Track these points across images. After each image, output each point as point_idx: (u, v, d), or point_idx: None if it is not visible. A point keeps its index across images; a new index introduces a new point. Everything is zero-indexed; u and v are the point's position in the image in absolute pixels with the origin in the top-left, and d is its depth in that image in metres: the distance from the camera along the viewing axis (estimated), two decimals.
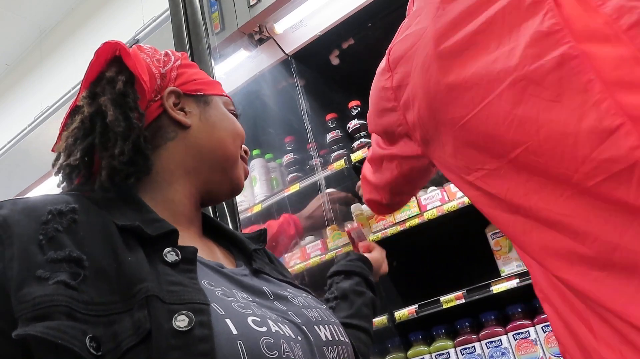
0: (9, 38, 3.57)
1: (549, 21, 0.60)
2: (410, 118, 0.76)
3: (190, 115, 0.69)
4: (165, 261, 0.53)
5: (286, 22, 1.92)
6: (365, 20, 1.90)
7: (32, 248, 0.48)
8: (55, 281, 0.46)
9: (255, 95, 2.11)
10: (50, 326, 0.43)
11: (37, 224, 0.50)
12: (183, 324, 0.46)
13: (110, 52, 0.66)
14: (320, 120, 2.05)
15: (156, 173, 0.65)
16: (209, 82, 0.74)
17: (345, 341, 0.64)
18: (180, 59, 0.72)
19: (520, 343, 1.51)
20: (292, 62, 2.01)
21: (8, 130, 3.46)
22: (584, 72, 0.56)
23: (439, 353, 1.64)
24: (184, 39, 1.55)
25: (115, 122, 0.61)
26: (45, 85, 3.43)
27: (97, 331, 0.45)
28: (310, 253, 1.91)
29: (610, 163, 0.53)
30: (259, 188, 2.16)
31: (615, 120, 0.53)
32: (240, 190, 0.74)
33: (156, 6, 2.56)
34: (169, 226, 0.57)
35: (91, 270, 0.48)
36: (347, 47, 2.03)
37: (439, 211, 1.64)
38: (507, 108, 0.61)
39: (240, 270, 0.67)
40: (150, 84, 0.66)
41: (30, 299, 0.44)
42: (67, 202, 0.53)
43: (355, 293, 0.91)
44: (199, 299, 0.49)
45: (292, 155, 2.14)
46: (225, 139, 0.71)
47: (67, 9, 3.44)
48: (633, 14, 0.56)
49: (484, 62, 0.64)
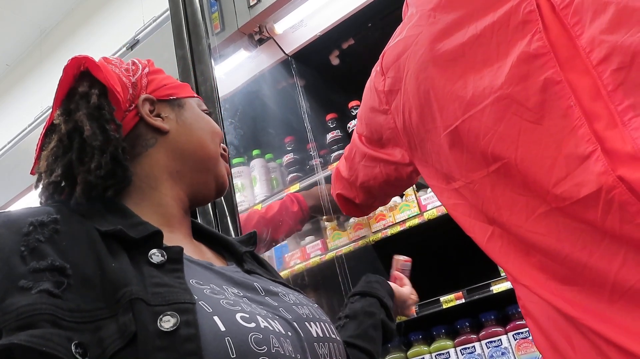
0: (9, 38, 3.58)
1: (536, 43, 0.61)
2: (400, 123, 0.77)
3: (167, 120, 0.70)
4: (151, 262, 0.53)
5: (286, 22, 1.92)
6: (365, 20, 1.90)
7: (14, 260, 0.48)
8: (39, 290, 0.46)
9: (255, 95, 2.11)
10: (35, 334, 0.43)
11: (18, 236, 0.50)
12: (168, 325, 0.46)
13: (77, 67, 0.66)
14: (320, 120, 2.06)
15: (140, 181, 0.66)
16: (179, 86, 0.75)
17: (337, 339, 0.64)
18: (148, 66, 0.73)
19: (520, 342, 1.51)
20: (292, 62, 2.01)
21: (8, 130, 3.46)
22: (565, 97, 0.58)
23: (439, 352, 1.64)
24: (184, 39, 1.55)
25: (92, 136, 0.61)
26: (45, 85, 3.42)
27: (83, 338, 0.45)
28: (310, 253, 1.91)
29: (579, 187, 0.56)
30: (259, 188, 2.16)
31: (588, 146, 0.55)
32: (225, 188, 0.75)
33: (156, 6, 2.56)
34: (152, 227, 0.57)
35: (75, 278, 0.48)
36: (347, 47, 2.03)
37: (439, 211, 1.64)
38: (488, 123, 0.62)
39: (232, 268, 0.67)
40: (124, 94, 0.66)
41: (14, 310, 0.44)
42: (48, 213, 0.54)
43: (366, 314, 0.89)
44: (185, 298, 0.49)
45: (292, 155, 2.14)
46: (204, 139, 0.72)
47: (67, 9, 3.44)
48: (602, 49, 0.57)
49: (471, 76, 0.65)
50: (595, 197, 0.54)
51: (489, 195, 0.64)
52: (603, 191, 0.54)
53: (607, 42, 0.56)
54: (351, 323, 0.87)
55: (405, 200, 1.83)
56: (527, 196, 0.60)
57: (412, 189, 1.79)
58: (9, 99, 3.83)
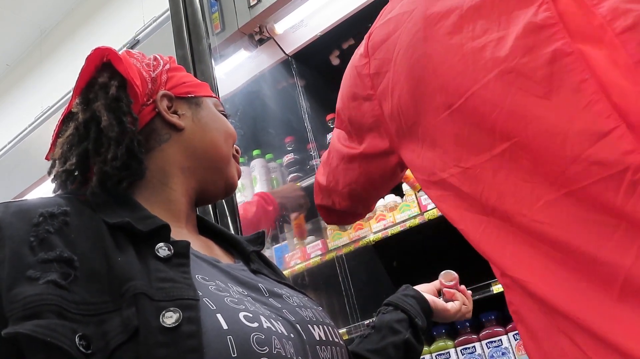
0: (9, 38, 3.57)
1: (543, 14, 0.56)
2: (387, 108, 0.71)
3: (183, 117, 0.70)
4: (158, 256, 0.53)
5: (286, 22, 1.92)
6: (365, 20, 1.89)
7: (24, 250, 0.48)
8: (46, 280, 0.46)
9: (256, 96, 2.11)
10: (40, 325, 0.43)
11: (28, 226, 0.50)
12: (171, 321, 0.46)
13: (100, 58, 0.67)
14: (320, 120, 2.06)
15: (151, 175, 0.66)
16: (198, 84, 0.75)
17: (340, 343, 0.64)
18: (169, 63, 0.73)
19: (521, 343, 1.51)
20: (293, 62, 2.01)
21: (8, 130, 3.46)
22: (578, 70, 0.54)
23: (439, 353, 1.64)
24: (184, 39, 1.55)
25: (109, 126, 0.61)
26: (46, 85, 3.43)
27: (87, 330, 0.45)
28: (311, 253, 1.91)
29: (600, 166, 0.51)
30: (259, 188, 2.16)
31: (609, 123, 0.51)
32: (234, 189, 0.76)
33: (156, 6, 2.56)
34: (160, 221, 0.57)
35: (82, 271, 0.49)
36: (347, 48, 2.03)
37: (439, 211, 1.64)
38: (494, 99, 0.58)
39: (239, 266, 0.67)
40: (142, 88, 0.67)
41: (21, 299, 0.45)
42: (59, 205, 0.54)
43: (390, 330, 0.82)
44: (188, 295, 0.49)
45: (292, 155, 2.14)
46: (217, 140, 0.72)
47: (67, 9, 3.44)
48: (628, 17, 0.53)
49: (470, 48, 0.61)
50: (618, 178, 0.50)
51: (491, 181, 0.59)
52: (629, 172, 0.49)
53: (635, 11, 0.52)
54: (374, 336, 0.82)
55: (405, 200, 1.83)
56: (532, 183, 0.56)
57: (412, 189, 1.79)
58: (9, 99, 3.82)
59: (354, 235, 1.85)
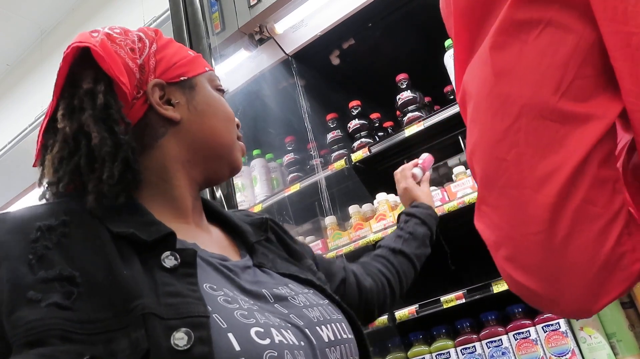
0: (10, 38, 3.58)
1: None
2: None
3: (178, 106, 0.65)
4: (164, 267, 0.51)
5: (286, 22, 1.93)
6: (365, 20, 1.90)
7: (22, 269, 0.47)
8: (48, 303, 0.45)
9: (256, 95, 2.11)
10: (43, 354, 0.42)
11: (26, 243, 0.49)
12: (182, 342, 0.45)
13: (75, 53, 0.61)
14: (320, 120, 2.06)
15: (151, 174, 0.63)
16: (190, 61, 0.69)
17: (348, 338, 0.63)
18: (155, 40, 0.67)
19: (521, 342, 1.51)
20: (293, 62, 2.01)
21: (8, 130, 3.47)
22: None
23: (439, 352, 1.64)
24: (184, 39, 1.56)
25: (101, 143, 0.57)
26: (46, 85, 3.43)
27: (96, 351, 0.44)
28: None
29: None
30: (259, 188, 2.17)
31: None
32: (239, 169, 0.73)
33: (156, 6, 2.56)
34: (165, 229, 0.55)
35: (85, 286, 0.47)
36: (347, 47, 2.04)
37: (439, 211, 1.64)
38: None
39: (244, 261, 0.65)
40: (130, 82, 0.61)
41: (23, 324, 0.44)
42: (56, 215, 0.52)
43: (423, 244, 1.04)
44: (198, 311, 0.48)
45: (292, 155, 2.14)
46: (217, 127, 0.68)
47: (68, 8, 3.44)
48: None
49: None
50: None
51: None
52: None
53: None
54: (413, 242, 1.01)
55: None
56: None
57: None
58: (9, 99, 3.83)
59: (354, 235, 1.85)
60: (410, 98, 1.82)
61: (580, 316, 0.50)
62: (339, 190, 2.12)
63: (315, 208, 2.13)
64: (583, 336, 1.44)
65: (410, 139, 1.77)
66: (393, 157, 2.08)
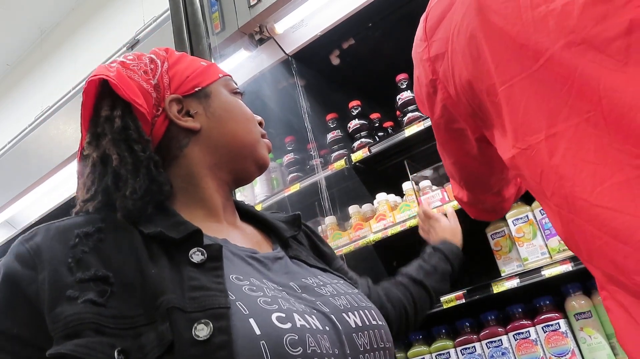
0: (10, 38, 3.58)
1: None
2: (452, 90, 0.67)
3: (196, 116, 0.69)
4: (192, 262, 0.55)
5: (286, 22, 1.93)
6: (365, 20, 1.90)
7: (63, 271, 0.53)
8: (84, 299, 0.50)
9: (256, 95, 2.11)
10: (79, 344, 0.48)
11: (66, 248, 0.55)
12: (203, 333, 0.48)
13: (95, 86, 0.66)
14: (320, 120, 2.06)
15: (182, 181, 0.68)
16: (203, 71, 0.72)
17: (378, 324, 0.64)
18: (167, 59, 0.71)
19: (521, 343, 1.51)
20: (293, 62, 2.01)
21: (8, 130, 3.47)
22: None
23: (439, 353, 1.64)
24: (184, 39, 1.56)
25: (121, 163, 0.62)
26: (46, 85, 3.43)
27: (126, 344, 0.49)
28: None
29: None
30: (259, 188, 2.17)
31: None
32: (267, 165, 0.75)
33: (157, 6, 2.56)
34: (192, 227, 0.59)
35: (118, 286, 0.53)
36: (347, 47, 2.04)
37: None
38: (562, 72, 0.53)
39: (276, 253, 0.69)
40: (148, 103, 0.66)
41: (62, 319, 0.50)
42: (93, 223, 0.58)
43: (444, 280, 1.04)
44: (219, 303, 0.51)
45: (292, 155, 2.14)
46: (236, 130, 0.71)
47: (68, 8, 3.44)
48: None
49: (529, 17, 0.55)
50: None
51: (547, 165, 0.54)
52: None
53: None
54: (434, 276, 1.02)
55: (405, 200, 1.83)
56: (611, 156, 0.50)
57: (412, 189, 1.79)
58: (9, 99, 3.83)
59: (354, 235, 1.85)
60: (410, 98, 1.82)
61: None
62: (338, 190, 2.12)
63: (315, 208, 2.13)
64: (583, 337, 1.44)
65: (410, 139, 1.78)
66: (393, 157, 2.08)
